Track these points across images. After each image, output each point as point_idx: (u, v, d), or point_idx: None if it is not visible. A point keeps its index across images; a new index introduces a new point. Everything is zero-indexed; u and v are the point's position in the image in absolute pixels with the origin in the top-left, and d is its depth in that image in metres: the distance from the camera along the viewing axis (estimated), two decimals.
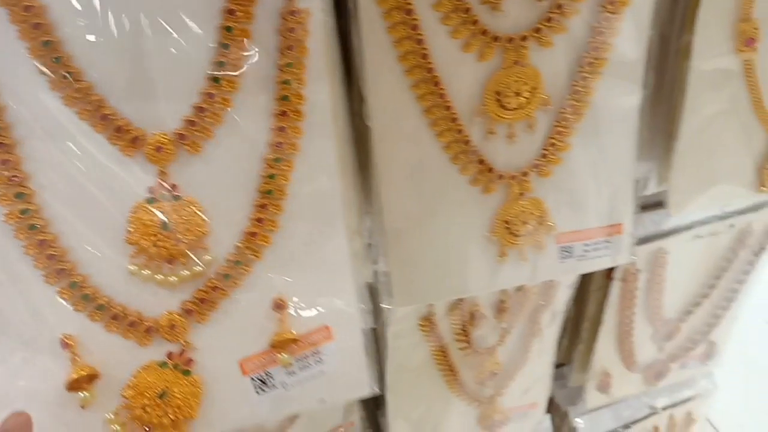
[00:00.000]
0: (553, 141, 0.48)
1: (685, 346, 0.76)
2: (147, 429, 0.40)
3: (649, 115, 0.53)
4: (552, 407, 0.84)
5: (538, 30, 0.43)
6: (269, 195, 0.40)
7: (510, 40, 0.43)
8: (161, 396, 0.40)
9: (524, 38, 0.43)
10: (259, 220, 0.40)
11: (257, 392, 0.43)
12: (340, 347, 0.45)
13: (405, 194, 0.48)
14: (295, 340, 0.42)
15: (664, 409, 0.81)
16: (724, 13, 0.47)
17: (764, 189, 0.54)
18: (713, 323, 0.74)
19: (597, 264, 0.55)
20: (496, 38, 0.43)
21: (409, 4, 0.41)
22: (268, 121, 0.39)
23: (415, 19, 0.41)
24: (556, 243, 0.52)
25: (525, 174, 0.49)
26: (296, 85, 0.38)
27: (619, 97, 0.48)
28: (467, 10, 0.42)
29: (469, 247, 0.51)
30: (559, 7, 0.43)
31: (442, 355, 0.66)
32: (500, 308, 0.65)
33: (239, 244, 0.41)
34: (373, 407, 0.75)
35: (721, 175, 0.53)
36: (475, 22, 0.42)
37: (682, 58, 0.49)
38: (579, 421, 0.80)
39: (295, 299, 0.43)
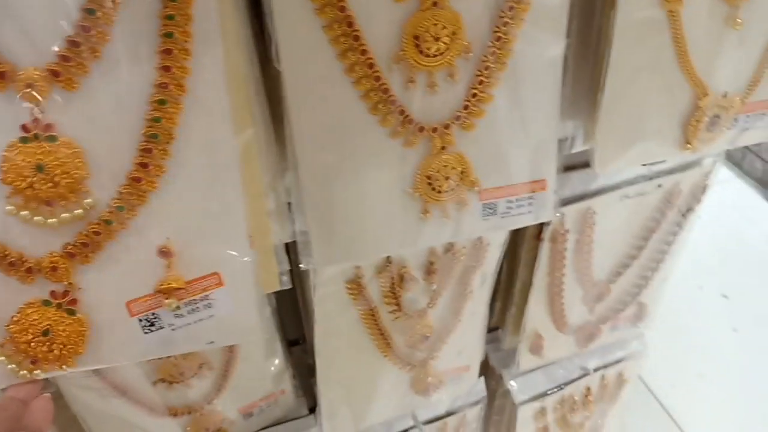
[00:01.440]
0: (475, 92, 0.46)
1: (615, 307, 0.77)
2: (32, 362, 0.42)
3: (575, 70, 0.52)
4: (487, 370, 0.85)
5: None
6: (154, 139, 0.38)
7: None
8: (45, 333, 0.41)
9: None
10: (143, 164, 0.38)
11: (144, 332, 0.43)
12: (231, 293, 0.44)
13: (320, 147, 0.45)
14: (180, 288, 0.42)
15: (596, 370, 0.82)
16: None
17: (689, 147, 0.54)
18: (642, 284, 0.75)
19: (521, 221, 0.53)
20: None
21: None
22: (151, 59, 0.36)
23: None
24: (479, 200, 0.51)
25: (447, 127, 0.47)
26: (182, 20, 0.35)
27: (543, 46, 0.46)
28: None
29: (391, 203, 0.49)
30: None
31: (371, 319, 0.65)
32: (429, 270, 0.63)
33: (122, 189, 0.39)
34: (307, 375, 0.74)
35: (647, 132, 0.52)
36: None
37: (607, 9, 0.47)
38: (513, 384, 0.80)
39: (183, 245, 0.41)
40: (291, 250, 0.51)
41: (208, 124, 0.39)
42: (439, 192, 0.49)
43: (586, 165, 0.59)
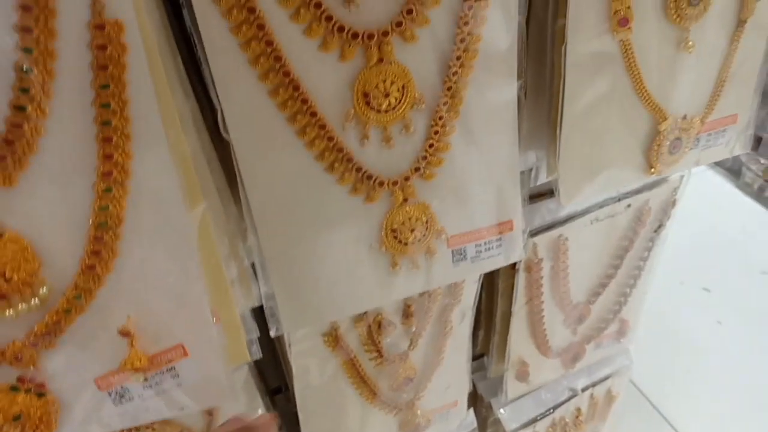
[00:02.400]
0: (432, 142, 0.45)
1: (597, 326, 0.76)
2: None
3: (532, 104, 0.51)
4: (476, 399, 0.83)
5: (399, 24, 0.40)
6: (104, 226, 0.37)
7: (370, 36, 0.40)
8: (16, 418, 0.41)
9: (386, 33, 0.40)
10: (95, 252, 0.37)
11: (115, 404, 0.43)
12: (197, 362, 0.43)
13: (279, 212, 0.44)
14: (144, 366, 0.41)
15: (584, 389, 0.81)
16: None
17: (653, 171, 0.53)
18: (622, 302, 0.74)
19: (491, 264, 0.53)
20: (355, 35, 0.39)
21: (250, 0, 0.36)
22: (92, 147, 0.34)
23: (260, 18, 0.37)
24: (447, 247, 0.50)
25: (407, 179, 0.46)
26: (118, 107, 0.34)
27: (495, 90, 0.45)
28: (318, 5, 0.38)
29: (358, 260, 0.48)
30: None
31: (352, 368, 0.63)
32: (407, 313, 0.62)
33: (78, 278, 0.38)
34: (295, 423, 0.72)
35: (609, 160, 0.52)
36: (329, 19, 0.38)
37: (558, 43, 0.47)
38: (502, 412, 0.79)
39: (145, 322, 0.41)
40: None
41: (158, 203, 0.38)
42: (406, 244, 0.48)
43: (552, 192, 0.59)
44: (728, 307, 1.47)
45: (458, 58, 0.42)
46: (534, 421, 0.80)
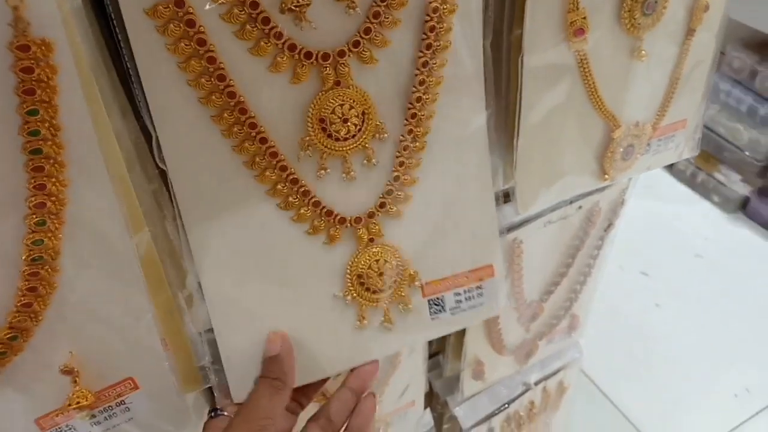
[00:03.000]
0: (397, 174, 0.42)
1: (549, 323, 0.77)
2: None
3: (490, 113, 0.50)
4: (431, 398, 0.83)
5: (357, 44, 0.37)
6: (39, 261, 0.34)
7: (325, 56, 0.37)
8: None
9: (342, 54, 0.37)
10: (31, 289, 0.34)
11: None
12: (149, 395, 0.41)
13: (225, 253, 0.40)
14: (90, 403, 0.39)
15: (537, 383, 0.83)
16: (552, 4, 0.44)
17: (607, 177, 0.54)
18: (573, 298, 0.76)
19: (474, 316, 0.48)
20: (308, 55, 0.36)
21: (190, 12, 0.33)
22: (22, 178, 0.31)
23: (201, 32, 0.33)
24: (422, 296, 0.46)
25: (371, 215, 0.42)
26: (50, 133, 0.30)
27: (463, 119, 0.42)
28: (266, 21, 0.35)
29: (318, 314, 0.44)
30: (377, 16, 0.37)
31: None
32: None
33: (12, 319, 0.35)
34: None
35: (565, 169, 0.52)
36: (278, 36, 0.35)
37: (514, 53, 0.46)
38: (459, 410, 0.80)
39: (89, 357, 0.38)
40: None
41: (98, 232, 0.35)
42: (375, 292, 0.43)
43: (507, 196, 0.58)
44: (666, 290, 1.54)
45: (421, 83, 0.40)
46: (490, 416, 0.81)
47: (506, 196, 0.59)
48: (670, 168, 1.88)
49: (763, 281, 1.53)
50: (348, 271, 0.43)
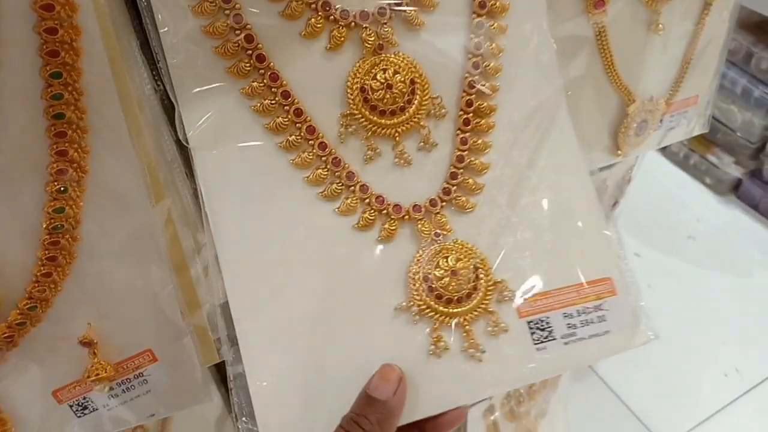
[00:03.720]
0: (461, 155, 0.35)
1: None
2: None
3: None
4: None
5: (398, 3, 0.33)
6: (59, 230, 0.33)
7: (364, 15, 0.33)
8: None
9: (383, 12, 0.33)
10: (51, 258, 0.33)
11: (78, 416, 0.39)
12: (167, 367, 0.39)
13: (255, 259, 0.34)
14: (110, 375, 0.38)
15: None
16: None
17: (620, 153, 0.53)
18: None
19: (597, 349, 0.36)
20: (344, 14, 0.33)
21: None
22: (43, 144, 0.30)
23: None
24: (518, 316, 0.35)
25: (434, 204, 0.35)
26: (72, 97, 0.29)
27: (530, 92, 0.37)
28: None
29: (376, 337, 0.33)
30: None
31: None
32: None
33: (32, 288, 0.34)
34: None
35: (581, 142, 0.51)
36: None
37: None
38: None
39: (108, 328, 0.37)
40: None
41: (120, 200, 0.34)
42: (449, 301, 0.33)
43: None
44: (658, 270, 1.55)
45: (478, 47, 0.35)
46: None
47: None
48: (663, 150, 1.88)
49: (755, 263, 1.55)
50: (411, 273, 0.34)
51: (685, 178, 1.82)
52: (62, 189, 0.31)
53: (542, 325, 0.35)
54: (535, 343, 0.35)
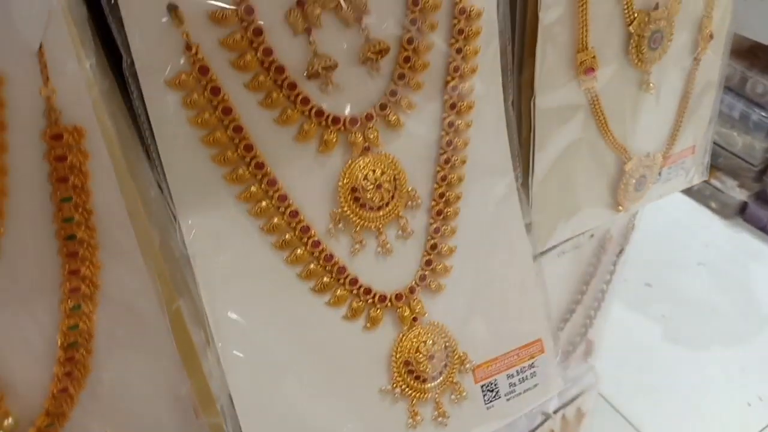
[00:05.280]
0: (434, 243, 0.40)
1: (565, 350, 0.77)
2: None
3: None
4: None
5: (383, 107, 0.36)
6: (74, 346, 0.33)
7: (353, 121, 0.36)
8: None
9: (369, 117, 0.36)
10: (68, 374, 0.34)
11: None
12: None
13: (254, 350, 0.37)
14: None
15: (556, 412, 0.82)
16: (562, 46, 0.45)
17: (621, 209, 0.54)
18: (588, 324, 0.76)
19: (529, 400, 0.43)
20: (335, 120, 0.35)
21: (213, 80, 0.32)
22: (56, 264, 0.31)
23: (225, 101, 0.32)
24: (474, 382, 0.41)
25: (412, 291, 0.39)
26: (83, 218, 0.30)
27: (492, 180, 0.42)
28: (292, 86, 0.34)
29: (364, 415, 0.39)
30: (401, 77, 0.36)
31: None
32: None
33: (48, 404, 0.34)
34: None
35: (580, 204, 0.52)
36: (305, 101, 0.34)
37: (525, 95, 0.46)
38: None
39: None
40: None
41: (132, 310, 0.35)
42: (425, 380, 0.39)
43: None
44: (670, 300, 1.54)
45: (449, 144, 0.39)
46: None
47: None
48: None
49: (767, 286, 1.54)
50: (394, 358, 0.39)
51: (690, 204, 1.82)
52: (76, 306, 0.32)
53: (491, 387, 0.42)
54: (486, 403, 0.42)
